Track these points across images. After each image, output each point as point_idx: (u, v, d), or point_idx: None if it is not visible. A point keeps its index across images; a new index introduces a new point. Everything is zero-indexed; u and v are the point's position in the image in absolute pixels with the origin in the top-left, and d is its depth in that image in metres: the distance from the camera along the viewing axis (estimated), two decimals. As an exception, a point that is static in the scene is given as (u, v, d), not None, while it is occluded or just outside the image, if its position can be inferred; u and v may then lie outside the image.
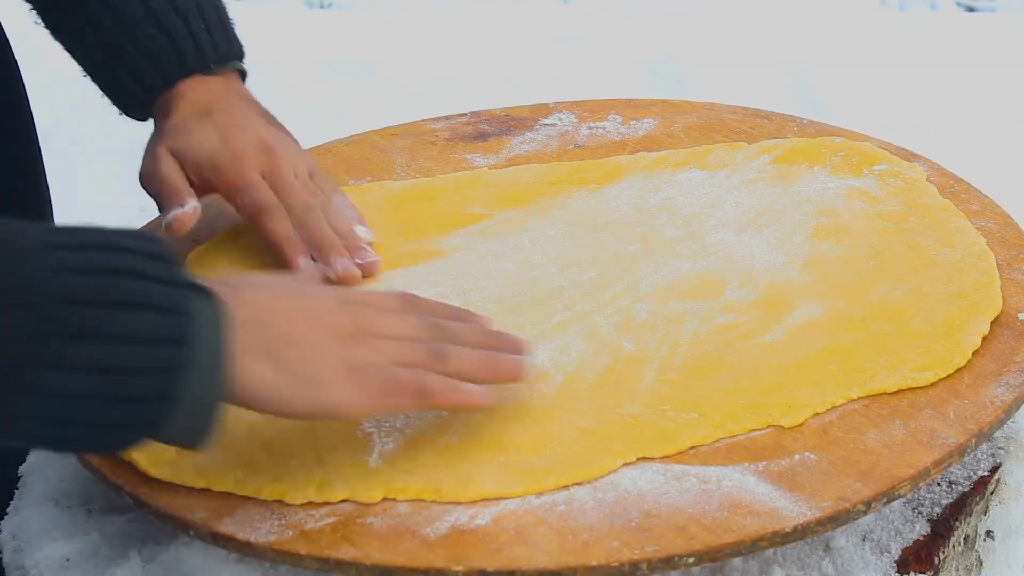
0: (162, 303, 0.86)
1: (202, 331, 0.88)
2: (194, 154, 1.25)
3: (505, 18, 3.43)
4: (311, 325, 0.94)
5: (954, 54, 3.13)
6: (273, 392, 0.92)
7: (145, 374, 0.86)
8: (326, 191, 1.28)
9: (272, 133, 1.28)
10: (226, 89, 1.30)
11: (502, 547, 0.93)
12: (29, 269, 0.83)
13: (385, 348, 0.96)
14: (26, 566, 1.04)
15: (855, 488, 0.96)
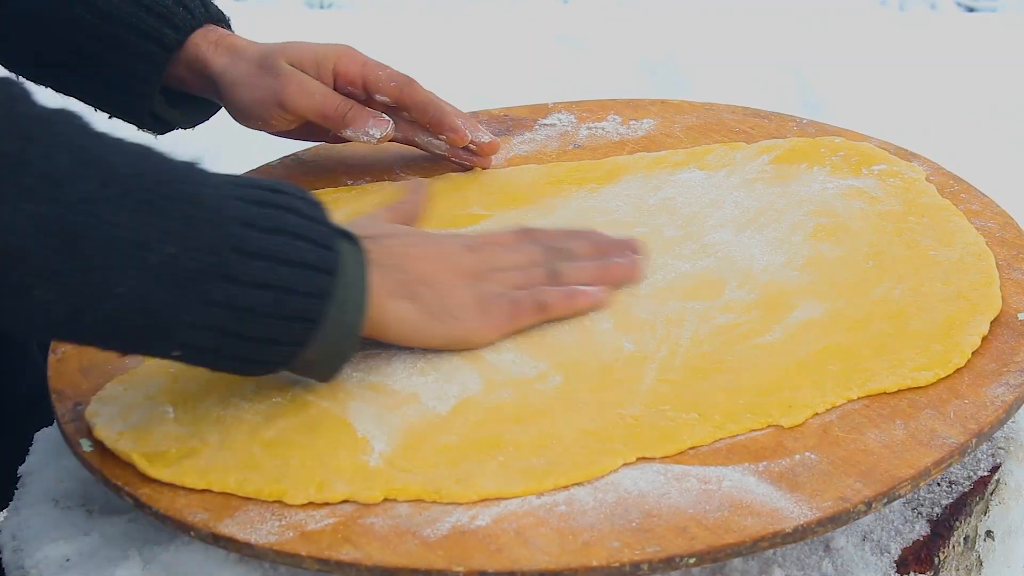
0: (316, 237, 0.97)
1: (346, 267, 0.99)
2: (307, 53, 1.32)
3: (505, 18, 3.43)
4: (442, 266, 1.08)
5: (954, 54, 3.13)
6: (413, 325, 1.06)
7: (299, 295, 0.96)
8: None
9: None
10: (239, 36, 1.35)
11: (503, 548, 0.93)
12: (213, 196, 0.94)
13: (507, 278, 1.10)
14: (26, 566, 1.04)
15: (856, 488, 0.96)
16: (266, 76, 1.32)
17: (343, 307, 0.99)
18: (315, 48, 1.33)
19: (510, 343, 1.12)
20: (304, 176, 1.40)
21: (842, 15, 3.59)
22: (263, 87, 1.32)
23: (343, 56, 1.33)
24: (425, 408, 1.05)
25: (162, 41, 1.31)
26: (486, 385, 1.08)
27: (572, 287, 1.12)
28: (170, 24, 1.31)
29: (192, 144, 1.28)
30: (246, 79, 1.32)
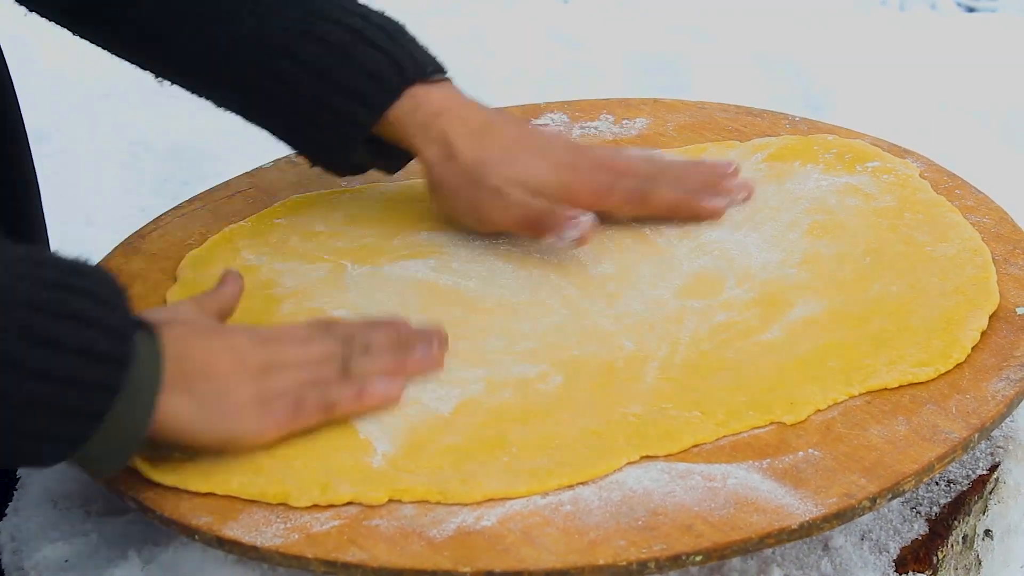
0: (110, 324, 0.92)
1: (141, 360, 0.94)
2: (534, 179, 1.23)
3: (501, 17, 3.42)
4: (226, 360, 1.00)
5: (954, 54, 3.14)
6: (187, 424, 0.97)
7: (86, 388, 0.91)
8: None
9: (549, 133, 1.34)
10: (454, 93, 1.27)
11: (509, 548, 0.93)
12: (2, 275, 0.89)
13: (295, 375, 1.02)
14: (25, 567, 1.04)
15: (860, 484, 0.96)
16: (472, 188, 1.23)
17: (131, 402, 0.93)
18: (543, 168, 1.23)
19: (509, 344, 1.12)
20: (299, 178, 1.39)
21: (842, 15, 3.60)
22: (466, 199, 1.24)
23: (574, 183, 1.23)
24: (427, 409, 1.05)
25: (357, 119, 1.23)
26: (488, 385, 1.08)
27: (362, 386, 1.03)
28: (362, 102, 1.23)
29: (192, 144, 1.28)
30: (451, 185, 1.24)
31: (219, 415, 0.98)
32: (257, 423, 1.00)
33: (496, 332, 1.14)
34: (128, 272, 1.26)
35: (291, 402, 1.01)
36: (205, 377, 0.98)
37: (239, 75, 1.24)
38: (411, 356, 1.07)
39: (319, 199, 1.35)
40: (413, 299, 1.19)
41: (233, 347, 1.01)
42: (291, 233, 1.30)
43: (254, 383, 1.00)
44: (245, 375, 1.00)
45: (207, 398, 0.98)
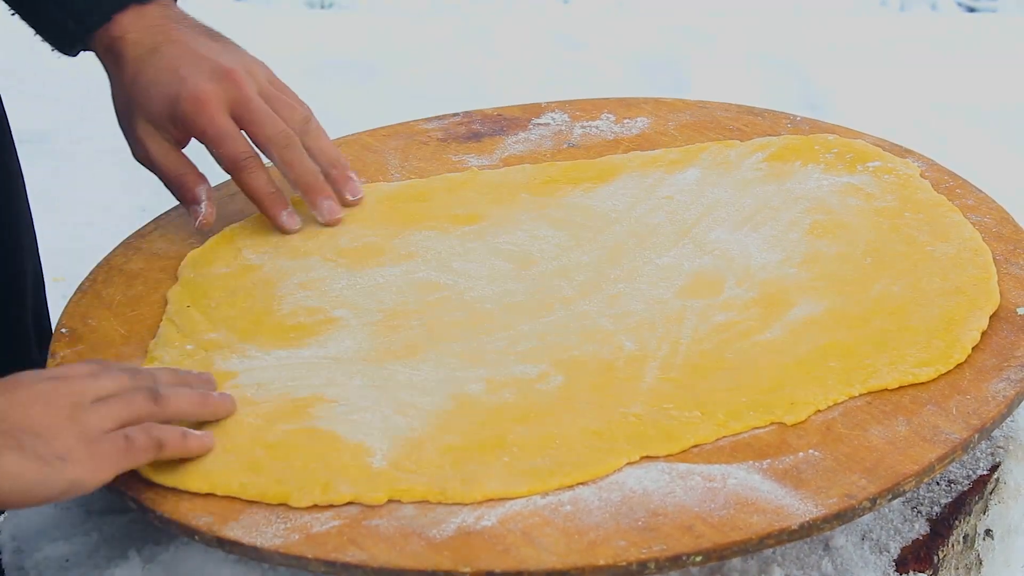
0: None
1: None
2: (161, 110, 1.24)
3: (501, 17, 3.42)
4: (40, 409, 0.96)
5: (954, 54, 3.14)
6: (21, 480, 0.93)
7: None
8: (296, 102, 1.29)
9: (219, 50, 1.27)
10: (163, 16, 1.28)
11: (509, 548, 0.93)
12: None
13: (107, 410, 0.98)
14: (26, 567, 1.04)
15: (860, 485, 0.96)
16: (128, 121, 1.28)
17: None
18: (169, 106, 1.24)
19: (509, 344, 1.12)
20: (298, 177, 1.39)
21: (842, 15, 3.60)
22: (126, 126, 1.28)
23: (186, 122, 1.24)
24: (427, 409, 1.05)
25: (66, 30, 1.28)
26: (488, 385, 1.07)
27: (184, 432, 1.01)
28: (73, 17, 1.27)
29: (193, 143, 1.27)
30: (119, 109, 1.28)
31: (53, 463, 0.94)
32: (90, 463, 0.96)
33: (496, 332, 1.14)
34: (128, 271, 1.26)
35: (120, 439, 0.98)
36: (26, 430, 0.95)
37: None
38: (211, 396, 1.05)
39: (320, 198, 1.35)
40: (413, 299, 1.19)
41: (38, 395, 0.97)
42: (291, 234, 1.30)
43: (73, 424, 0.96)
44: (61, 418, 0.96)
45: (37, 449, 0.94)
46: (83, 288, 1.24)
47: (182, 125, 1.25)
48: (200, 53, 1.26)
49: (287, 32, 3.26)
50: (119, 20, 1.27)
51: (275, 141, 1.25)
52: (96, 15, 1.27)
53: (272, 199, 1.27)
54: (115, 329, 1.18)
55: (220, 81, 1.25)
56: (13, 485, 0.93)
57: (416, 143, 1.46)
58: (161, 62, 1.25)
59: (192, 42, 1.27)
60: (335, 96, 2.77)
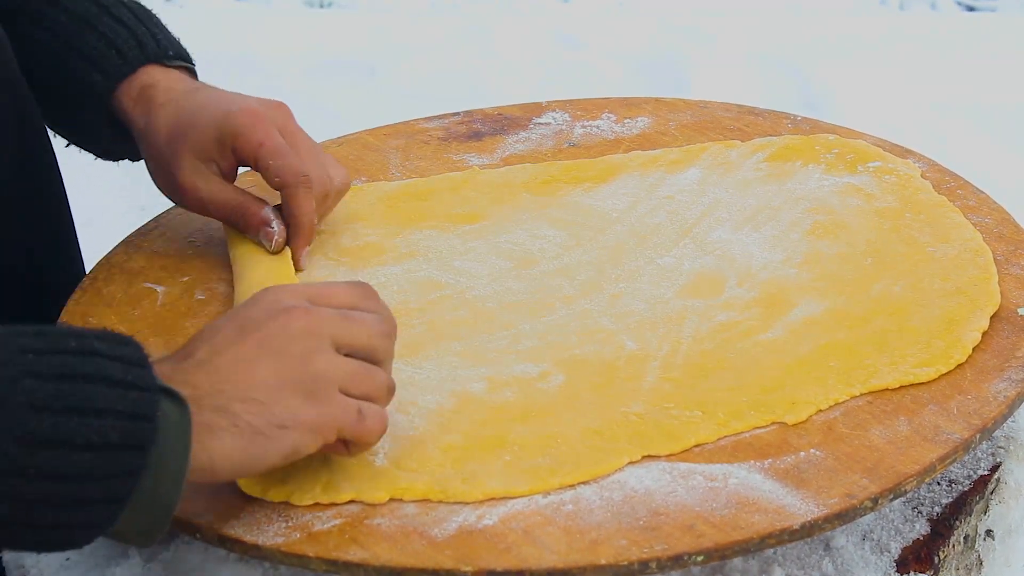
0: (125, 408, 0.85)
1: (166, 435, 0.87)
2: (209, 135, 1.21)
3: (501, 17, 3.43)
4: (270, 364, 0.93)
5: (954, 54, 3.14)
6: (242, 458, 0.91)
7: (99, 480, 0.85)
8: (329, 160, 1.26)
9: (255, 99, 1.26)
10: (186, 79, 1.27)
11: (510, 547, 0.93)
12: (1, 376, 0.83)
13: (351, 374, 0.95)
14: (26, 565, 1.04)
15: (862, 485, 0.96)
16: (170, 166, 1.23)
17: (157, 482, 0.87)
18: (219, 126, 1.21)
19: (511, 343, 1.12)
20: (299, 176, 1.39)
21: (842, 14, 3.60)
22: (166, 175, 1.24)
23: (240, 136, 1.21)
24: (429, 408, 1.05)
25: (93, 88, 1.26)
26: (489, 384, 1.07)
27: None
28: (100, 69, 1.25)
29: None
30: (155, 160, 1.25)
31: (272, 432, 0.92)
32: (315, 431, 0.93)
33: (497, 331, 1.14)
34: (129, 270, 1.26)
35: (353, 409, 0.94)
36: (243, 399, 0.91)
37: None
38: None
39: (321, 197, 1.35)
40: (415, 298, 1.19)
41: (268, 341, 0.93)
42: (293, 232, 1.30)
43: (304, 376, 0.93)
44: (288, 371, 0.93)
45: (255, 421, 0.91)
46: (83, 286, 1.24)
47: (233, 141, 1.20)
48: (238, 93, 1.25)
49: (287, 32, 3.26)
50: (147, 70, 1.25)
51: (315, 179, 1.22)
52: (122, 65, 1.25)
53: (309, 231, 1.22)
54: (116, 327, 1.18)
55: (269, 107, 1.23)
56: (229, 464, 0.91)
57: (417, 142, 1.46)
58: (202, 97, 1.23)
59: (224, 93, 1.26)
60: (335, 96, 2.78)
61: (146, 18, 1.29)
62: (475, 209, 1.32)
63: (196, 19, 2.91)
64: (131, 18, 1.28)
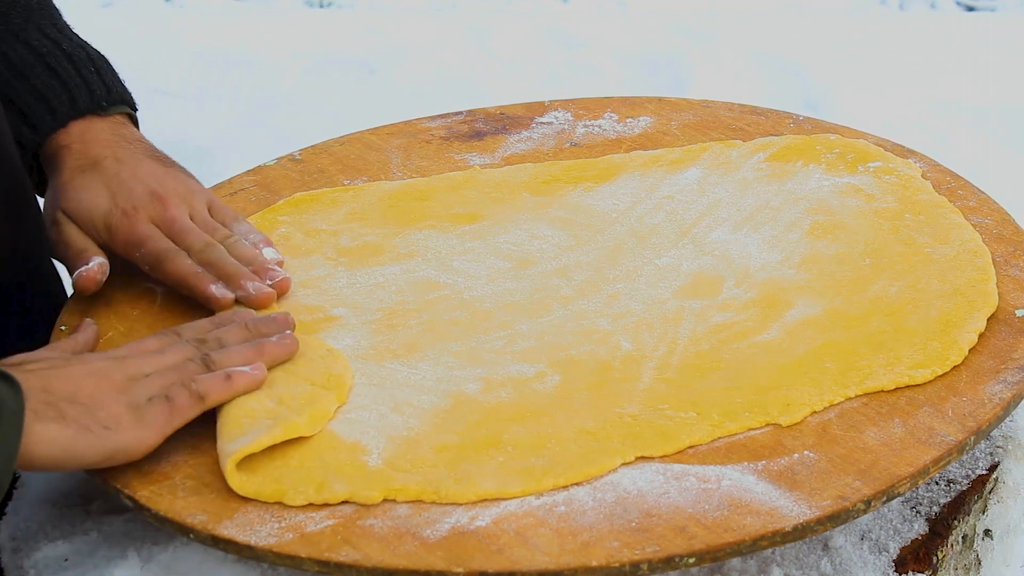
0: None
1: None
2: (87, 216, 1.23)
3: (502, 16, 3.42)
4: (89, 382, 1.02)
5: (954, 54, 3.13)
6: (67, 447, 0.98)
7: None
8: (227, 222, 1.26)
9: (161, 177, 1.25)
10: (114, 134, 1.28)
11: (502, 548, 0.93)
12: None
13: (159, 380, 1.04)
14: (25, 566, 1.04)
15: (855, 487, 0.96)
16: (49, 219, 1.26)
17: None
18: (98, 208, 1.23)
19: (507, 343, 1.12)
20: (301, 176, 1.40)
21: (842, 14, 3.59)
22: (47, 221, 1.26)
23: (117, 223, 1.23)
24: (424, 408, 1.05)
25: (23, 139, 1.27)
26: (484, 385, 1.08)
27: (225, 373, 1.06)
28: (29, 124, 1.27)
29: (194, 142, 1.28)
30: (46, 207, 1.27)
31: (97, 431, 0.99)
32: (136, 429, 1.01)
33: (494, 331, 1.14)
34: (129, 270, 1.26)
35: (163, 402, 1.02)
36: (72, 400, 1.00)
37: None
38: (267, 343, 1.09)
39: (322, 197, 1.35)
40: (413, 298, 1.19)
41: (93, 370, 1.03)
42: (294, 230, 1.30)
43: (120, 395, 1.02)
44: (110, 390, 1.02)
45: (80, 418, 0.99)
46: (84, 286, 1.25)
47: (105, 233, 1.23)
48: (139, 176, 1.25)
49: (287, 32, 3.26)
50: (71, 129, 1.27)
51: (194, 248, 1.21)
52: (50, 120, 1.27)
53: (198, 277, 1.20)
54: (115, 326, 1.19)
55: (151, 203, 1.23)
56: (50, 451, 0.97)
57: (419, 141, 1.46)
58: (98, 175, 1.24)
59: (136, 164, 1.26)
60: (336, 95, 2.77)
61: (83, 64, 1.29)
62: (475, 209, 1.32)
63: (196, 19, 2.91)
64: (67, 68, 1.28)
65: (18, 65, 1.27)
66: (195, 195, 1.26)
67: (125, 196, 1.23)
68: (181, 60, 2.59)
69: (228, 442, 1.00)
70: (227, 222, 1.26)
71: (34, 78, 1.27)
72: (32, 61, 1.28)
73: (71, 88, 1.28)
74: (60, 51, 1.29)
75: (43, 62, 1.28)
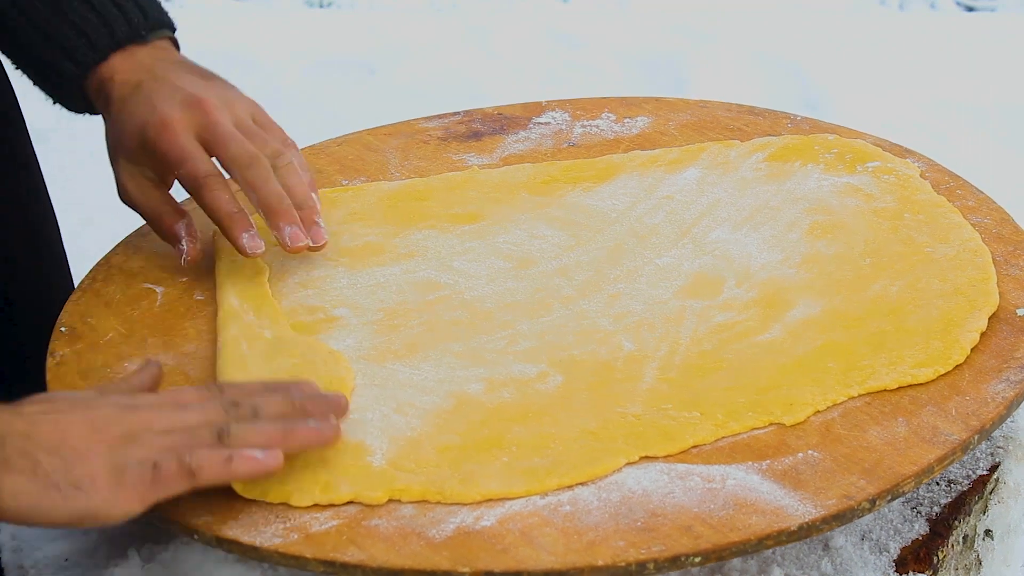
0: None
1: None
2: (134, 143, 1.21)
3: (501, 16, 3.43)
4: (78, 432, 0.93)
5: (954, 54, 3.14)
6: (30, 503, 0.90)
7: None
8: (276, 138, 1.23)
9: (202, 85, 1.23)
10: (155, 58, 1.26)
11: (508, 548, 0.93)
12: None
13: (158, 441, 0.95)
14: (25, 566, 1.04)
15: (859, 486, 0.96)
16: (113, 164, 1.25)
17: None
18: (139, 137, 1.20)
19: (509, 343, 1.12)
20: (298, 176, 1.39)
21: (842, 14, 3.60)
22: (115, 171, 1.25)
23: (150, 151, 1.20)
24: (426, 408, 1.05)
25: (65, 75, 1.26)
26: (487, 385, 1.08)
27: (235, 451, 0.95)
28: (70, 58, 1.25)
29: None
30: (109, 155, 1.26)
31: (68, 488, 0.91)
32: (110, 493, 0.92)
33: (496, 331, 1.14)
34: (128, 270, 1.26)
35: (147, 470, 0.93)
36: (51, 451, 0.92)
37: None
38: (299, 427, 0.98)
39: (321, 197, 1.35)
40: (413, 298, 1.19)
41: (92, 418, 0.94)
42: (293, 231, 1.30)
43: (109, 452, 0.93)
44: (100, 445, 0.93)
45: (53, 474, 0.91)
46: (83, 287, 1.24)
47: (147, 153, 1.21)
48: (177, 85, 1.22)
49: (287, 32, 3.26)
50: (111, 61, 1.25)
51: (239, 161, 1.19)
52: (92, 54, 1.25)
53: (233, 219, 1.18)
54: (115, 328, 1.18)
55: (189, 108, 1.20)
56: (13, 504, 0.90)
57: (417, 142, 1.46)
58: (139, 97, 1.22)
59: (176, 78, 1.23)
60: (335, 95, 2.78)
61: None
62: (474, 209, 1.32)
63: (196, 19, 2.91)
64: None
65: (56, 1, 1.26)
66: (238, 103, 1.23)
67: (161, 107, 1.20)
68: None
69: None
70: (276, 138, 1.23)
71: (71, 12, 1.25)
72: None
73: (109, 20, 1.25)
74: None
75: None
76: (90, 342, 1.17)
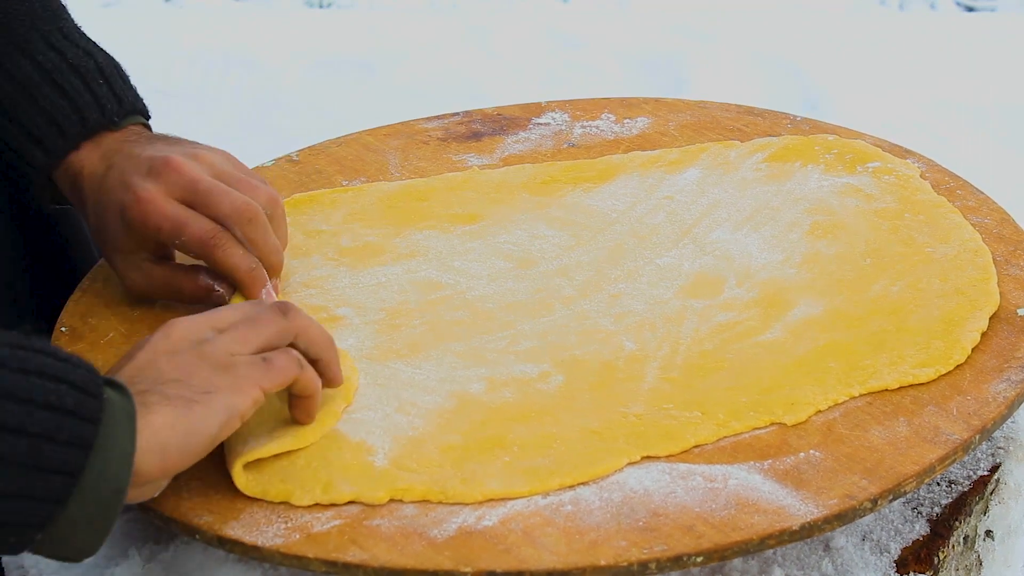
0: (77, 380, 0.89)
1: (112, 413, 0.90)
2: (119, 232, 1.16)
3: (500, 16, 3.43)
4: (167, 358, 0.96)
5: (954, 54, 3.14)
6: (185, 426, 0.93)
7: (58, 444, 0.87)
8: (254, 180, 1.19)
9: (165, 148, 1.18)
10: (124, 141, 1.21)
11: (510, 548, 0.93)
12: None
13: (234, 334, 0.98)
14: (25, 565, 1.04)
15: (861, 485, 0.96)
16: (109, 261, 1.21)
17: (106, 459, 0.89)
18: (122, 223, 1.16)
19: (510, 343, 1.12)
20: (298, 177, 1.40)
21: (842, 14, 3.60)
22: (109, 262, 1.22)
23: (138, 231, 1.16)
24: (428, 408, 1.05)
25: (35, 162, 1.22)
26: (488, 385, 1.08)
27: None
28: (40, 146, 1.21)
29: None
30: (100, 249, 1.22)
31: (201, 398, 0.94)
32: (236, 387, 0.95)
33: (497, 331, 1.14)
34: (129, 270, 1.26)
35: (258, 360, 0.97)
36: (168, 382, 0.94)
37: None
38: None
39: (321, 197, 1.35)
40: (414, 298, 1.19)
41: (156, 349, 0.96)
42: (294, 231, 1.29)
43: (203, 360, 0.96)
44: (189, 358, 0.96)
45: (183, 393, 0.93)
46: (83, 287, 1.24)
47: (140, 234, 1.16)
48: (143, 156, 1.17)
49: (287, 32, 3.26)
50: (81, 151, 1.21)
51: (238, 217, 1.14)
52: (62, 142, 1.21)
53: (253, 276, 1.15)
54: (115, 328, 1.18)
55: (158, 173, 1.15)
56: (174, 439, 0.92)
57: (416, 142, 1.46)
58: (110, 180, 1.17)
59: (140, 151, 1.18)
60: (335, 95, 2.78)
61: (92, 77, 1.23)
62: (475, 209, 1.32)
63: (196, 19, 2.91)
64: (75, 83, 1.22)
65: (24, 84, 1.21)
66: (209, 154, 1.19)
67: (132, 180, 1.15)
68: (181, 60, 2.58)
69: (238, 442, 1.00)
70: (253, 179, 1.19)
71: (41, 98, 1.21)
72: (38, 79, 1.22)
73: (80, 106, 1.21)
74: (67, 64, 1.22)
75: (49, 79, 1.22)
76: (90, 342, 1.17)
